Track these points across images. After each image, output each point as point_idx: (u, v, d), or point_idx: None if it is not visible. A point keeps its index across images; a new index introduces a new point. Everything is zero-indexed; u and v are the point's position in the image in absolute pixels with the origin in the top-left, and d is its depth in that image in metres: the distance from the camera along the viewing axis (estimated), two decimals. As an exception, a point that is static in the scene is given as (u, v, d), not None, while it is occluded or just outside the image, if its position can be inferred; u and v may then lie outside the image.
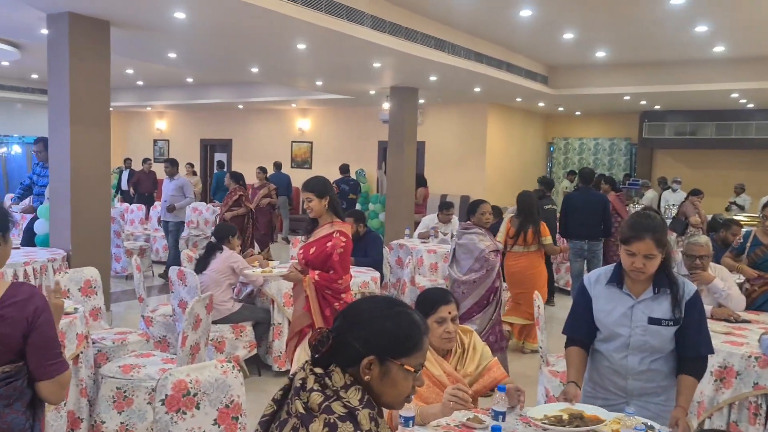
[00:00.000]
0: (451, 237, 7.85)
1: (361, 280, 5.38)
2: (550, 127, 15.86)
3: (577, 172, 13.84)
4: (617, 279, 2.53)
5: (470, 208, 5.24)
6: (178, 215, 8.83)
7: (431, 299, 2.62)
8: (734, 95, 10.76)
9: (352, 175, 12.60)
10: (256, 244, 8.63)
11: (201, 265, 5.01)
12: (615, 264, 2.58)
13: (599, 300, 2.56)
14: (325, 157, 15.51)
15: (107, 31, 6.38)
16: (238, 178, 8.68)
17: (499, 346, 5.01)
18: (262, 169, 10.40)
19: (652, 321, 2.45)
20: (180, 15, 6.12)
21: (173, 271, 4.70)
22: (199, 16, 6.23)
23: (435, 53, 8.00)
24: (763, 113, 12.51)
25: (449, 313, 2.59)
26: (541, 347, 4.02)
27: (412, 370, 1.48)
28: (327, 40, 6.99)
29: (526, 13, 7.25)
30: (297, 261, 3.87)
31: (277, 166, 13.50)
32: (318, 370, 1.46)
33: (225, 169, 13.80)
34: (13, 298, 1.89)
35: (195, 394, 2.40)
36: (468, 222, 5.25)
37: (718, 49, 8.85)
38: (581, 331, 2.61)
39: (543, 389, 3.90)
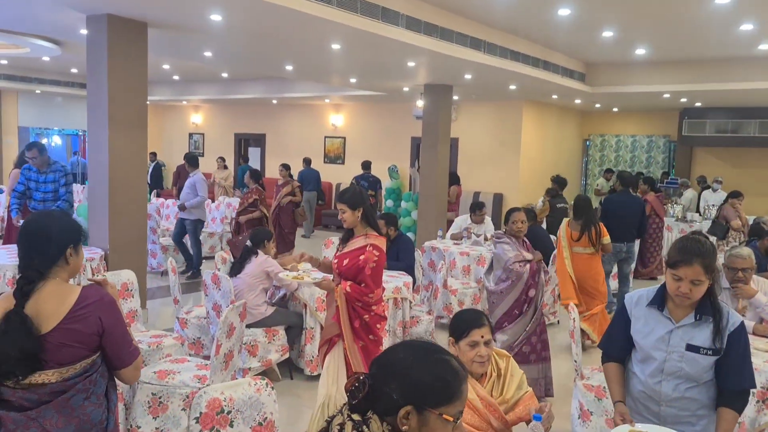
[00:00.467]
0: (485, 239, 7.79)
1: (394, 285, 5.36)
2: (587, 124, 15.58)
3: (614, 170, 13.62)
4: (659, 301, 2.48)
5: (506, 217, 5.19)
6: (193, 213, 8.60)
7: (464, 322, 2.60)
8: (780, 93, 10.40)
9: (376, 172, 12.54)
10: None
11: (236, 269, 5.05)
12: (659, 286, 2.52)
13: (638, 321, 2.53)
14: (357, 152, 15.51)
15: (144, 33, 6.45)
16: (257, 176, 8.60)
17: (539, 357, 4.94)
18: (285, 167, 10.20)
19: (690, 348, 2.39)
20: (216, 17, 6.15)
21: (208, 275, 4.75)
22: (234, 18, 6.25)
23: (470, 52, 7.90)
24: (810, 111, 12.08)
25: (482, 336, 2.55)
26: (576, 361, 3.95)
27: (452, 419, 1.45)
28: (362, 40, 6.95)
29: (564, 12, 7.10)
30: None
31: (307, 161, 13.59)
32: (356, 417, 1.45)
33: (249, 163, 13.75)
34: (86, 300, 2.11)
35: (229, 412, 2.41)
36: (500, 231, 5.22)
37: (764, 47, 8.55)
38: (617, 349, 2.62)
39: (577, 403, 3.83)
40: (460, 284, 6.93)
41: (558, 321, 7.38)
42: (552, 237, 7.63)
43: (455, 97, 12.64)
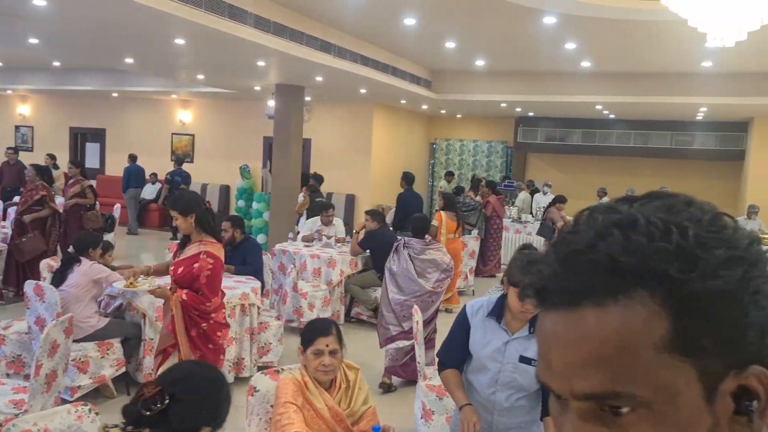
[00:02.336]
0: (336, 241, 7.86)
1: (241, 291, 5.23)
2: (433, 128, 16.27)
3: (454, 173, 14.39)
4: (498, 312, 2.56)
5: (421, 225, 5.69)
6: None
7: (311, 331, 2.61)
8: (598, 107, 11.57)
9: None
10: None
11: (57, 279, 4.62)
12: (499, 296, 2.59)
13: (477, 331, 2.60)
14: (207, 150, 14.98)
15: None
16: (43, 172, 7.81)
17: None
18: (75, 163, 8.95)
19: (523, 359, 2.49)
20: (39, 2, 5.62)
21: (29, 285, 4.33)
22: (60, 5, 5.75)
23: (320, 55, 7.92)
24: (622, 123, 13.56)
25: (327, 345, 2.56)
26: (419, 362, 4.10)
27: None
28: (207, 37, 6.71)
29: (410, 21, 7.35)
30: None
31: (132, 158, 13.27)
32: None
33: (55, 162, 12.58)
34: None
35: (45, 444, 2.21)
36: (423, 239, 5.58)
37: (585, 64, 9.46)
38: (455, 358, 2.66)
39: (420, 403, 3.98)
40: (311, 287, 6.93)
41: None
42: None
43: (307, 98, 12.60)
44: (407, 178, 9.85)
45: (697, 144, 13.16)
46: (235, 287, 5.23)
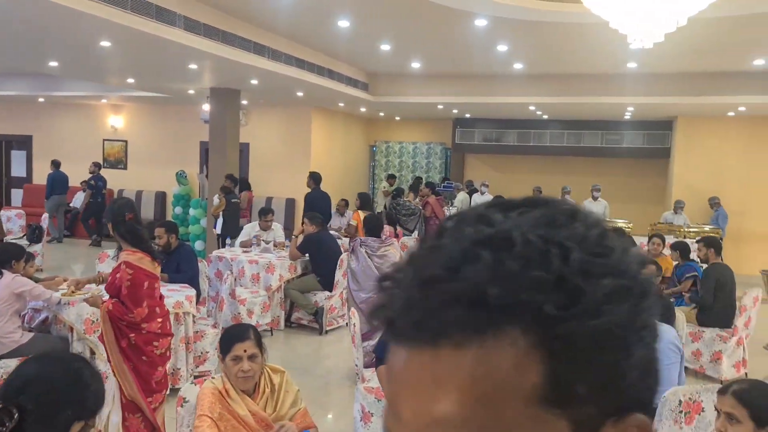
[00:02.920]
0: (274, 246, 7.77)
1: (174, 300, 5.09)
2: (373, 131, 16.32)
3: (395, 175, 14.50)
4: None
5: (375, 224, 5.97)
6: None
7: (228, 338, 2.58)
8: (531, 107, 11.86)
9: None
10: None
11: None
12: None
13: None
14: (142, 156, 14.57)
15: None
16: None
17: None
18: None
19: None
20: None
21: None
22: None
23: (254, 58, 7.82)
24: (555, 123, 13.95)
25: (245, 351, 2.51)
26: (356, 365, 4.10)
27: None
28: (135, 40, 6.52)
29: (344, 23, 7.35)
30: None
31: (56, 164, 12.98)
32: None
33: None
34: None
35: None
36: (379, 237, 5.83)
37: (517, 66, 9.68)
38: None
39: (359, 405, 3.97)
40: (249, 293, 6.82)
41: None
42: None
43: (244, 102, 12.43)
44: (314, 178, 9.99)
45: (626, 143, 13.67)
46: (169, 296, 5.08)
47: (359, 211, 8.56)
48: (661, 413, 2.98)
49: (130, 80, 10.27)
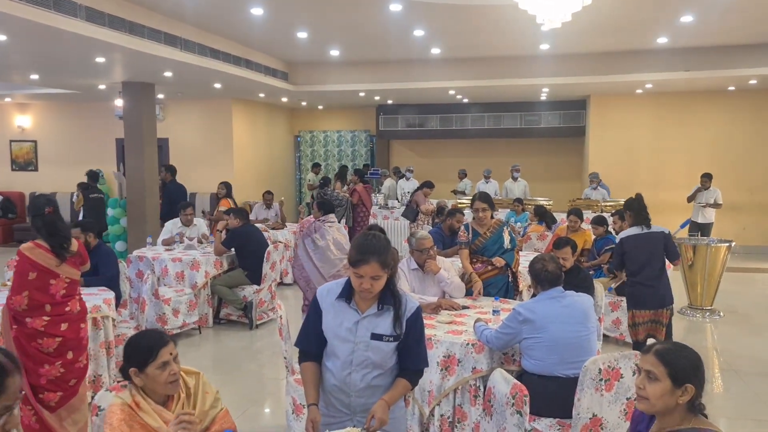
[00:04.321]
0: (198, 242, 7.55)
1: (92, 303, 4.85)
2: (296, 121, 16.12)
3: (320, 164, 14.39)
4: (347, 293, 2.55)
5: (329, 207, 6.47)
6: None
7: (147, 344, 2.39)
8: (451, 92, 12.00)
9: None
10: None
11: None
12: (347, 279, 2.58)
13: (328, 313, 2.57)
14: (53, 157, 13.86)
15: None
16: None
17: None
18: None
19: (375, 336, 2.51)
20: None
21: None
22: None
23: (166, 49, 7.54)
24: (476, 107, 14.19)
25: (170, 354, 2.40)
26: (285, 357, 4.04)
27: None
28: (32, 32, 6.14)
29: (257, 11, 7.18)
30: None
31: None
32: None
33: None
34: None
35: None
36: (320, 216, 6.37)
37: (435, 51, 9.77)
38: (313, 344, 2.61)
39: (290, 398, 3.92)
40: (174, 292, 6.61)
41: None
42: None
43: (160, 96, 12.01)
44: (171, 170, 9.95)
45: (544, 123, 14.06)
46: (87, 301, 4.84)
47: (227, 199, 9.36)
48: (582, 382, 3.09)
49: (34, 76, 9.69)
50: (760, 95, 11.93)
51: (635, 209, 5.35)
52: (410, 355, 2.57)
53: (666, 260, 5.34)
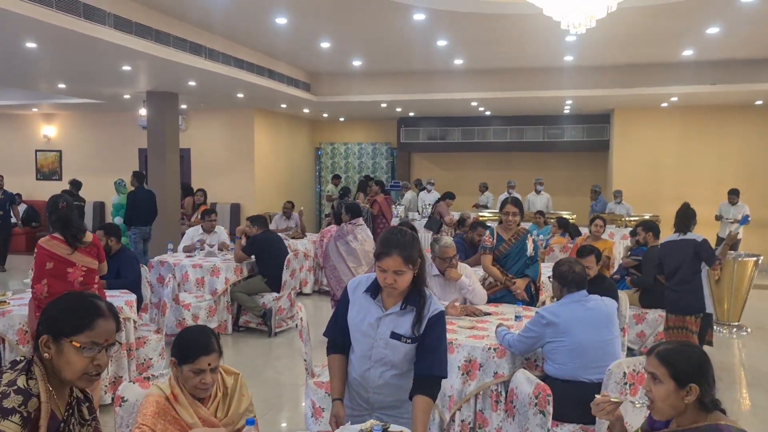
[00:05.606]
0: (218, 248, 7.58)
1: (114, 305, 4.88)
2: (317, 133, 16.21)
3: (341, 176, 14.42)
4: (374, 289, 2.52)
5: (356, 211, 6.77)
6: None
7: (192, 349, 2.36)
8: (474, 103, 11.99)
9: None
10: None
11: None
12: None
13: (355, 306, 2.56)
14: (78, 166, 14.08)
15: None
16: None
17: None
18: None
19: (394, 336, 2.47)
20: None
21: None
22: None
23: (191, 58, 7.64)
24: (498, 119, 14.15)
25: (209, 364, 2.36)
26: (305, 360, 4.01)
27: (79, 345, 1.76)
28: (62, 39, 6.27)
29: (281, 20, 7.25)
30: None
31: None
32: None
33: None
34: None
35: None
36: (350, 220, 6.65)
37: (458, 61, 9.77)
38: (340, 335, 2.59)
39: (309, 401, 3.89)
40: (194, 298, 6.64)
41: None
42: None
43: (183, 106, 12.16)
44: (138, 177, 9.84)
45: (567, 136, 13.98)
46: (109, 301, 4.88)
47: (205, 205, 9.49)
48: (606, 385, 3.01)
49: (62, 85, 9.89)
50: (788, 110, 11.74)
51: (677, 215, 5.62)
52: (424, 359, 2.46)
53: (702, 268, 5.47)
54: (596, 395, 2.33)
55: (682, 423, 2.01)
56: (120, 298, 5.08)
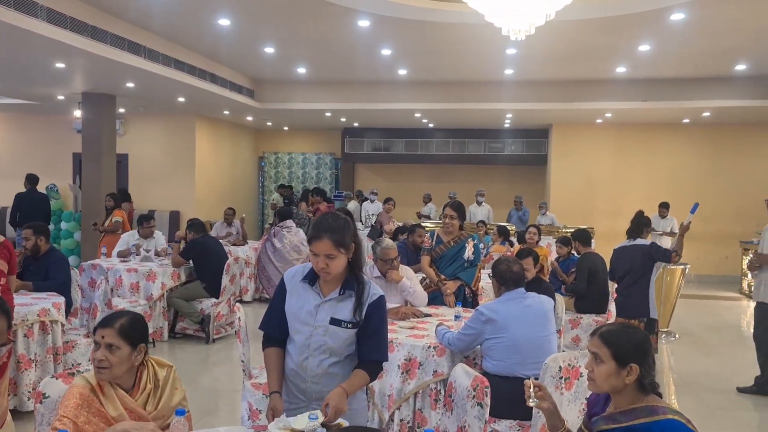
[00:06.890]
0: (156, 254, 7.35)
1: (39, 307, 4.65)
2: (261, 142, 16.04)
3: (286, 185, 14.29)
4: (311, 276, 2.50)
5: (286, 214, 7.26)
6: None
7: (102, 319, 2.35)
8: (417, 115, 12.12)
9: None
10: None
11: None
12: None
13: (292, 295, 2.52)
14: (6, 170, 13.43)
15: None
16: None
17: None
18: None
19: (333, 321, 2.44)
20: None
21: None
22: None
23: (129, 57, 7.43)
24: (441, 132, 14.36)
25: (102, 337, 2.28)
26: (243, 361, 3.91)
27: None
28: (-9, 31, 5.99)
29: (224, 21, 7.15)
30: None
31: None
32: None
33: None
34: None
35: None
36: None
37: (402, 71, 9.87)
38: (277, 327, 2.54)
39: (246, 403, 3.79)
40: (128, 302, 6.39)
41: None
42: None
43: (121, 110, 11.82)
44: (30, 179, 9.80)
45: (508, 150, 14.31)
46: (33, 303, 4.66)
47: (119, 210, 8.78)
48: (542, 379, 3.06)
49: (-10, 84, 9.46)
50: (713, 128, 12.37)
51: (631, 222, 6.02)
52: (368, 345, 2.48)
53: (654, 272, 5.86)
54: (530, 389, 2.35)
55: (619, 405, 2.06)
56: (47, 300, 4.84)
